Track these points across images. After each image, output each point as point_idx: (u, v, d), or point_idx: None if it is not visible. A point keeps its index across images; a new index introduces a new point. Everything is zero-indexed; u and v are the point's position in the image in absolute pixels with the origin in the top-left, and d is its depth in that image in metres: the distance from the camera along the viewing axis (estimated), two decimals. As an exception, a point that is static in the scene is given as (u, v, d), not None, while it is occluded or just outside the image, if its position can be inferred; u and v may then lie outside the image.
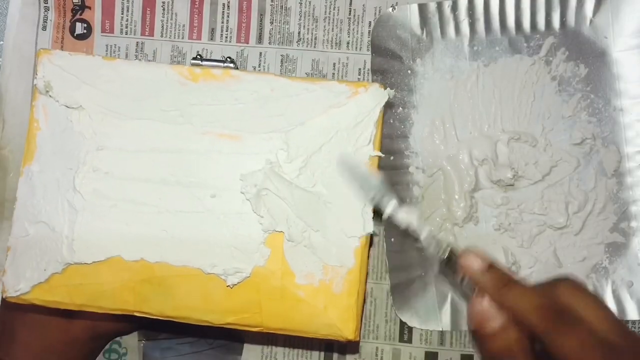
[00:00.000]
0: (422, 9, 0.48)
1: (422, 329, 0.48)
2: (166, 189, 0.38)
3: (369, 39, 0.50)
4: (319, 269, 0.38)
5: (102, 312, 0.39)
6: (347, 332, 0.38)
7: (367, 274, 0.39)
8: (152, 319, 0.39)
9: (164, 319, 0.39)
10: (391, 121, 0.48)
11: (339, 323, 0.38)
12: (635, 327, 0.48)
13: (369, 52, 0.49)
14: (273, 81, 0.39)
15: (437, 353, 0.49)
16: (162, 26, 0.51)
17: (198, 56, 0.41)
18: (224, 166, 0.38)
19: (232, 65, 0.41)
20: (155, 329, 0.49)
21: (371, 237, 0.39)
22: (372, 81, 0.49)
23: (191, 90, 0.39)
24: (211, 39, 0.50)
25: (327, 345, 0.49)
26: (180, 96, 0.39)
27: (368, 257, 0.39)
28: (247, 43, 0.50)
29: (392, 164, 0.48)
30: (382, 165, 0.48)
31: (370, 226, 0.38)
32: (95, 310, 0.39)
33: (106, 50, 0.51)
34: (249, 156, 0.38)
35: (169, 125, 0.39)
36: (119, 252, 0.38)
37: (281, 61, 0.50)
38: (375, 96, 0.39)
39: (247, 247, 0.38)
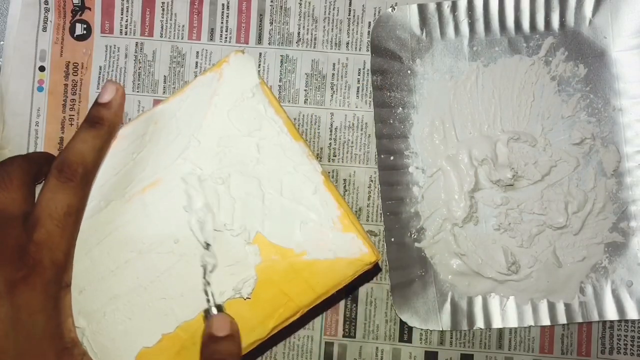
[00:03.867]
0: (422, 9, 0.48)
1: (422, 329, 0.48)
2: (136, 266, 0.38)
3: (369, 39, 0.50)
4: (308, 228, 0.38)
5: None
6: (368, 258, 0.38)
7: (347, 203, 0.40)
8: None
9: None
10: (391, 121, 0.49)
11: (357, 255, 0.38)
12: (635, 327, 0.48)
13: (369, 53, 0.50)
14: (150, 116, 0.39)
15: (437, 353, 0.49)
16: (162, 26, 0.51)
17: None
18: (165, 211, 0.38)
19: None
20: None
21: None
22: (372, 82, 0.49)
23: None
24: (211, 40, 0.50)
25: (327, 344, 0.49)
26: None
27: (337, 189, 0.39)
28: (247, 43, 0.50)
29: (392, 164, 0.48)
30: (382, 166, 0.48)
31: (318, 165, 0.38)
32: None
33: (106, 51, 0.51)
34: (178, 187, 0.38)
35: (97, 215, 0.38)
36: (141, 344, 0.37)
37: (281, 62, 0.50)
38: (240, 61, 0.39)
39: (236, 257, 0.38)
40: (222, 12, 0.51)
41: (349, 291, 0.49)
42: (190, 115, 0.39)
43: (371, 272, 0.49)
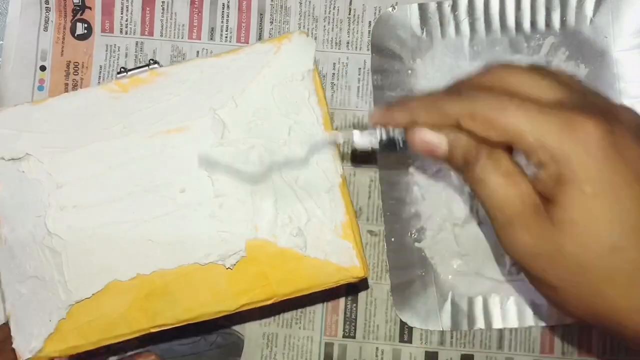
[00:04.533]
0: (422, 8, 0.48)
1: (422, 329, 0.48)
2: (136, 200, 0.38)
3: (369, 38, 0.50)
4: (310, 224, 0.38)
5: (121, 342, 0.38)
6: (355, 272, 0.38)
7: (355, 212, 0.40)
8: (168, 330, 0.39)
9: (181, 325, 0.39)
10: (391, 121, 0.48)
11: (347, 265, 0.38)
12: None
13: (369, 52, 0.49)
14: (199, 64, 0.39)
15: (437, 353, 0.49)
16: (162, 26, 0.51)
17: (122, 69, 0.41)
18: (182, 159, 0.39)
19: (156, 65, 0.41)
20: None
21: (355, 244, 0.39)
22: (373, 82, 0.49)
23: (125, 101, 0.39)
24: (211, 39, 0.50)
25: (327, 344, 0.49)
26: (117, 110, 0.39)
27: (349, 195, 0.39)
28: (247, 43, 0.50)
29: (391, 164, 0.48)
30: (382, 165, 0.48)
31: (340, 168, 0.39)
32: (113, 342, 0.38)
33: (106, 50, 0.51)
34: (203, 140, 0.39)
35: (117, 140, 0.39)
36: (113, 276, 0.38)
37: (281, 61, 0.50)
38: (301, 43, 0.39)
39: (233, 225, 0.38)
40: (223, 11, 0.51)
41: (349, 291, 0.49)
42: (237, 77, 0.39)
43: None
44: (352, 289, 0.49)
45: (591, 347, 0.48)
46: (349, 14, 0.50)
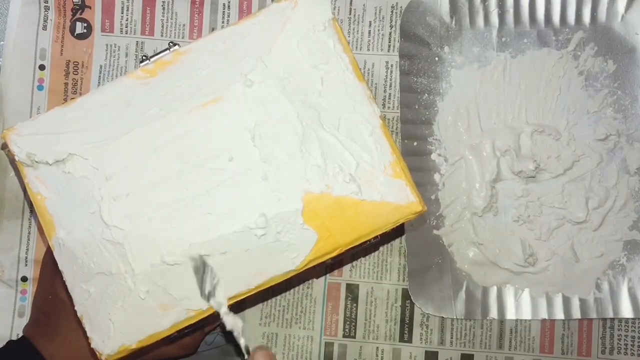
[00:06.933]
0: (453, -3, 0.48)
1: (422, 329, 0.48)
2: (187, 177, 0.38)
3: (369, 38, 0.50)
4: (359, 168, 0.38)
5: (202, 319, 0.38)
6: (413, 208, 0.38)
7: (400, 151, 0.40)
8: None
9: (251, 294, 0.38)
10: (416, 107, 0.48)
11: (404, 203, 0.38)
12: (635, 327, 0.48)
13: (370, 52, 0.50)
14: (220, 35, 0.40)
15: (437, 352, 0.49)
16: (162, 25, 0.50)
17: (143, 57, 0.41)
18: (223, 128, 0.38)
19: (177, 47, 0.41)
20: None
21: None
22: (400, 67, 0.49)
23: (156, 84, 0.39)
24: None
25: (327, 344, 0.49)
26: (150, 94, 0.39)
27: (391, 135, 0.39)
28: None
29: (414, 149, 0.48)
30: (404, 151, 0.48)
31: (377, 109, 0.39)
32: (189, 323, 0.38)
33: (106, 50, 0.50)
34: (240, 106, 0.39)
35: (155, 122, 0.38)
36: (179, 256, 0.37)
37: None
38: None
39: (286, 184, 0.38)
40: (223, 11, 0.50)
41: (349, 290, 0.49)
42: (260, 39, 0.39)
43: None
44: (353, 288, 0.49)
45: (590, 347, 0.48)
46: (349, 14, 0.50)
